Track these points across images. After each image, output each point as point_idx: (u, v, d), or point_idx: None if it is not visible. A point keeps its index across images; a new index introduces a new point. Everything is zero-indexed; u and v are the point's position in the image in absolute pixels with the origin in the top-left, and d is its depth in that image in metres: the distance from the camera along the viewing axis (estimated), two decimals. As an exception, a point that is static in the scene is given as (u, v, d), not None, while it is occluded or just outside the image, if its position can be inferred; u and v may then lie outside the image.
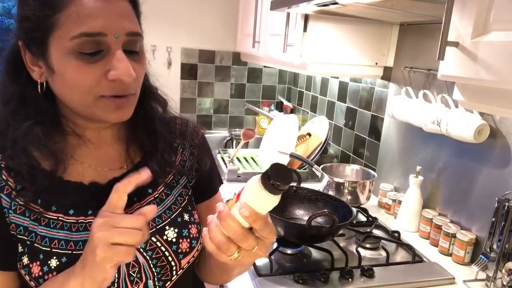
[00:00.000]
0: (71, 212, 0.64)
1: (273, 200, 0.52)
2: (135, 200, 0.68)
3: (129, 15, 0.61)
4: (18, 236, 0.62)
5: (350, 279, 1.03)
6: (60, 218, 0.63)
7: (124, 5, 0.60)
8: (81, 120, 0.66)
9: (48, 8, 0.57)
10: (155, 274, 0.68)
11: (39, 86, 0.63)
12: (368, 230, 1.27)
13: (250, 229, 0.54)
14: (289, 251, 1.14)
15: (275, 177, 0.49)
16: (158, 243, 0.68)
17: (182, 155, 0.78)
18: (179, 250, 0.70)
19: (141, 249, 0.67)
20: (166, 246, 0.69)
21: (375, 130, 1.69)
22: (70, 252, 0.62)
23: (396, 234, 1.28)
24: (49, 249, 0.61)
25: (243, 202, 0.52)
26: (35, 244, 0.62)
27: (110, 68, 0.58)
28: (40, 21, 0.57)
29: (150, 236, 0.68)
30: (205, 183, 0.82)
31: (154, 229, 0.69)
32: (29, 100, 0.63)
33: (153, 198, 0.71)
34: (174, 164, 0.75)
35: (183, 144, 0.79)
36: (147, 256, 0.67)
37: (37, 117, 0.62)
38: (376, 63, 1.56)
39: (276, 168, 0.49)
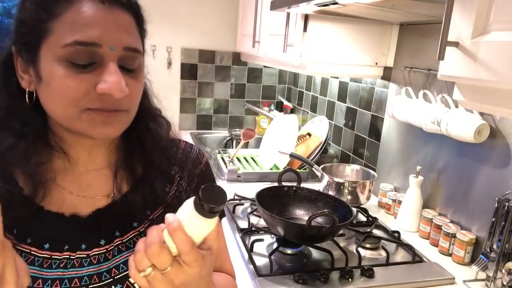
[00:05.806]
0: (46, 246, 0.59)
1: (206, 224, 0.48)
2: (116, 234, 0.62)
3: (130, 29, 0.58)
4: None
5: (350, 279, 1.03)
6: (32, 252, 0.58)
7: (126, 18, 0.57)
8: (69, 135, 0.61)
9: (45, 13, 0.54)
10: None
11: (27, 95, 0.58)
12: (368, 230, 1.28)
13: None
14: (289, 251, 1.14)
15: (208, 200, 0.46)
16: (136, 285, 0.61)
17: (179, 185, 0.72)
18: None
19: None
20: None
21: (375, 130, 1.69)
22: None
23: (396, 234, 1.28)
24: None
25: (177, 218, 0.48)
26: None
27: (100, 80, 0.54)
28: (35, 26, 0.54)
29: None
30: None
31: None
32: (17, 110, 0.59)
33: (138, 232, 0.64)
34: (166, 197, 0.68)
35: (181, 173, 0.72)
36: None
37: (22, 130, 0.58)
38: (376, 63, 1.56)
39: (208, 190, 0.47)
